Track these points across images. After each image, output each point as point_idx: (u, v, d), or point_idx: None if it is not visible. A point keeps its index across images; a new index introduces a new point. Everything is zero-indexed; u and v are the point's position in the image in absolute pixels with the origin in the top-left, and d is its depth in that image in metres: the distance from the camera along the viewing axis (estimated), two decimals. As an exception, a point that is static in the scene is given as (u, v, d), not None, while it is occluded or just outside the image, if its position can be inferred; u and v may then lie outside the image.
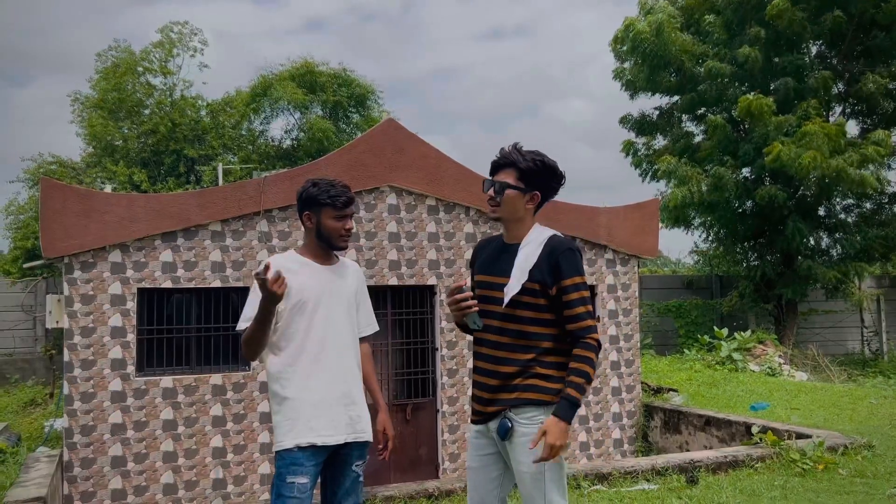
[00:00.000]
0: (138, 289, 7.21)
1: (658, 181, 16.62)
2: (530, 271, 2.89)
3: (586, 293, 2.91)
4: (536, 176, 2.96)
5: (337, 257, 3.45)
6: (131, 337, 7.15)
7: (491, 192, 3.00)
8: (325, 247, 3.36)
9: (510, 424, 2.88)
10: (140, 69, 16.09)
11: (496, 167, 3.04)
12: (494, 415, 2.95)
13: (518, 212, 2.99)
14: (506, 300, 2.92)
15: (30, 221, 13.04)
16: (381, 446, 3.43)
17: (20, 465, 6.49)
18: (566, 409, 2.78)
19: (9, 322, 13.23)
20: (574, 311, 2.88)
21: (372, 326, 3.54)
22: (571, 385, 2.81)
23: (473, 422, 3.08)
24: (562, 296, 2.88)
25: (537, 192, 2.98)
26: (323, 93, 17.30)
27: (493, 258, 3.07)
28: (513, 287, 2.91)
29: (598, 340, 2.89)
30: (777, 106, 14.11)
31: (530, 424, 2.86)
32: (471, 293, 3.00)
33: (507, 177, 2.98)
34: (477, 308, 2.97)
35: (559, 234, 3.01)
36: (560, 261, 2.88)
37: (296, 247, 3.51)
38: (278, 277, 2.94)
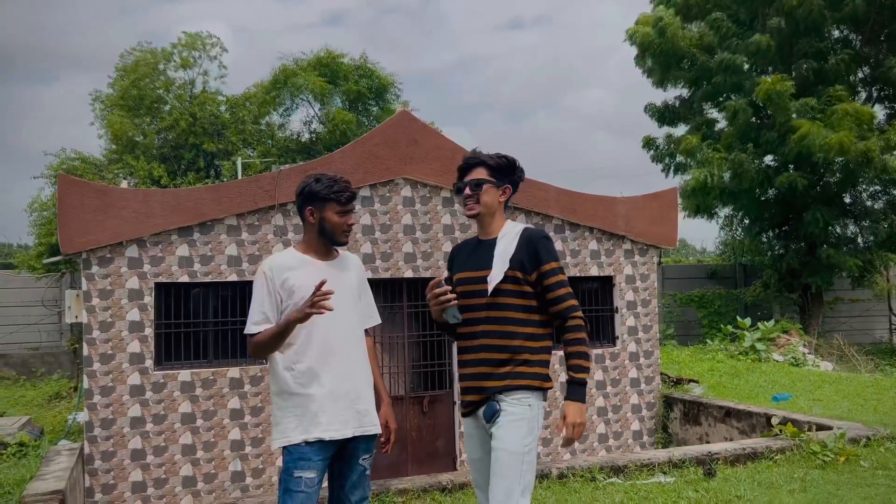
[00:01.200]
0: (155, 283, 7.27)
1: (681, 174, 16.43)
2: (510, 259, 3.07)
3: (562, 276, 3.10)
4: (505, 171, 3.21)
5: (337, 252, 3.44)
6: (149, 331, 7.21)
7: (467, 190, 3.19)
8: (326, 242, 3.35)
9: (497, 406, 3.03)
10: (161, 66, 16.22)
11: (465, 169, 3.24)
12: (483, 402, 3.08)
13: (493, 206, 3.19)
14: (490, 288, 3.08)
15: (53, 217, 13.21)
16: (383, 439, 3.43)
17: (41, 458, 6.58)
18: (577, 391, 3.02)
19: (35, 316, 13.46)
20: (555, 293, 3.06)
21: (373, 319, 3.54)
22: (573, 368, 3.03)
23: (464, 415, 3.20)
24: (542, 280, 3.07)
25: (509, 185, 3.22)
26: (345, 82, 17.30)
27: (470, 255, 3.25)
28: (496, 275, 3.07)
29: (580, 316, 3.07)
30: (797, 89, 13.86)
31: (517, 404, 3.03)
32: (449, 287, 3.15)
33: (479, 174, 3.19)
34: (456, 302, 3.13)
35: (531, 226, 3.24)
36: (538, 248, 3.07)
37: (294, 245, 3.50)
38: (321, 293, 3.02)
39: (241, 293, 7.57)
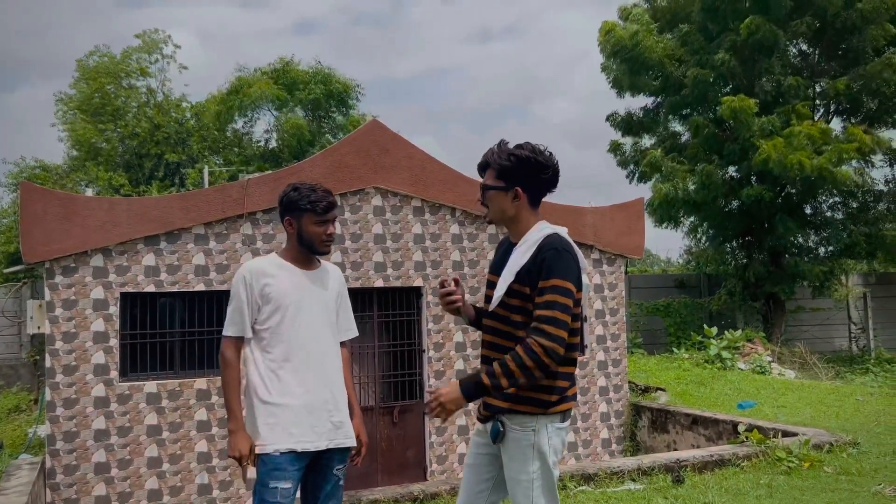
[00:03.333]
0: (121, 293, 7.14)
1: (646, 182, 16.65)
2: (518, 273, 2.77)
3: (560, 298, 2.69)
4: (513, 172, 2.84)
5: (318, 261, 3.42)
6: (114, 342, 7.07)
7: (479, 195, 2.96)
8: (306, 251, 3.34)
9: (501, 428, 2.80)
10: (121, 73, 16.08)
11: (481, 170, 2.97)
12: (490, 417, 2.88)
13: (506, 211, 2.88)
14: (493, 303, 2.86)
15: (13, 225, 12.94)
16: (353, 452, 3.41)
17: (1, 472, 6.41)
18: (470, 383, 2.71)
19: (-7, 327, 13.09)
20: (539, 312, 2.70)
21: (351, 331, 3.52)
22: (487, 371, 2.69)
23: (479, 419, 3.00)
24: (539, 296, 2.73)
25: (518, 188, 2.85)
26: (299, 90, 17.26)
27: (500, 258, 2.97)
28: (499, 289, 2.82)
29: (544, 346, 2.64)
30: (760, 107, 14.18)
31: (522, 430, 2.79)
32: (453, 289, 2.97)
33: (488, 178, 2.90)
34: (461, 303, 2.96)
35: (559, 233, 2.86)
36: (544, 261, 2.74)
37: (277, 250, 3.48)
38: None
39: (208, 303, 7.48)
